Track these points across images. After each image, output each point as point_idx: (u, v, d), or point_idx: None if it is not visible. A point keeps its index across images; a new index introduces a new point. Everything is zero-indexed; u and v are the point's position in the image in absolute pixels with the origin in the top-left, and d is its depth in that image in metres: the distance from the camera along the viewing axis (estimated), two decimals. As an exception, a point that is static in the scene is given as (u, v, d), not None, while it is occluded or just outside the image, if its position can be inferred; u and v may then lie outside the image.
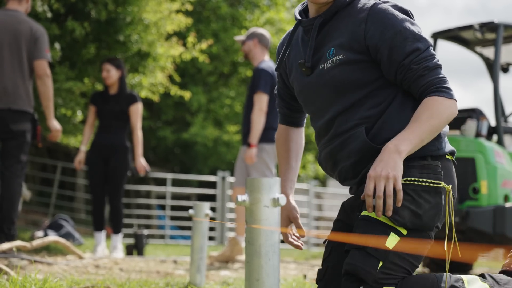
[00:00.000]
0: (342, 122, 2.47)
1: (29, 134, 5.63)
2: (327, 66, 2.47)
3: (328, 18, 2.50)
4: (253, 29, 6.95)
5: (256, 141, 6.52)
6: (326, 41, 2.50)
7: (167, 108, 16.89)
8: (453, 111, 2.39)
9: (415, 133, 2.31)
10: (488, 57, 8.02)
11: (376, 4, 2.43)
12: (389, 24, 2.39)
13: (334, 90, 2.47)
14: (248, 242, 2.10)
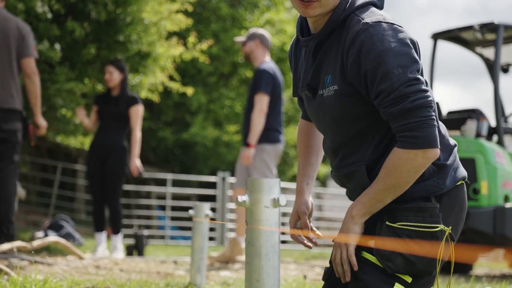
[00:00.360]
0: (345, 155, 2.38)
1: (20, 133, 5.59)
2: (326, 94, 2.33)
3: (324, 38, 2.32)
4: (253, 29, 6.95)
5: (255, 141, 6.53)
6: (324, 65, 2.34)
7: (167, 109, 16.89)
8: (416, 164, 2.17)
9: (370, 195, 2.24)
10: (488, 57, 8.03)
11: (360, 32, 2.19)
12: (362, 59, 2.17)
13: (333, 120, 2.35)
14: (248, 242, 2.10)
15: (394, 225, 2.25)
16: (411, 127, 2.15)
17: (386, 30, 2.18)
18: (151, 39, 9.02)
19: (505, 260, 7.46)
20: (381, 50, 2.15)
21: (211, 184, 13.80)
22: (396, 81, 2.14)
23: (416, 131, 2.15)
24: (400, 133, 2.18)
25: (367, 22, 2.20)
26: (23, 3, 7.74)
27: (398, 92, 2.14)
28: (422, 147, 2.16)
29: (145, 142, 17.52)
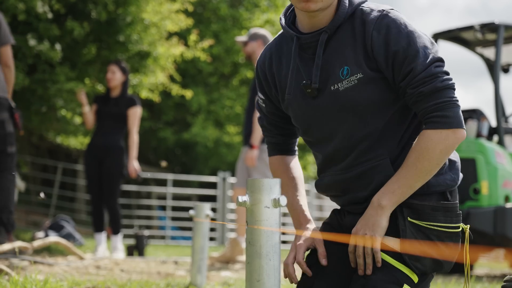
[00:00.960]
0: (363, 151, 2.28)
1: (9, 123, 5.37)
2: (343, 87, 2.24)
3: (333, 32, 2.27)
4: (255, 29, 6.94)
5: (258, 142, 6.52)
6: (333, 59, 2.27)
7: (168, 109, 16.90)
8: (448, 144, 2.16)
9: (400, 182, 2.19)
10: (488, 57, 8.03)
11: (381, 17, 2.21)
12: (392, 40, 2.18)
13: (353, 113, 2.25)
14: (248, 242, 2.10)
15: (421, 224, 2.22)
16: (441, 107, 2.15)
17: (402, 16, 2.25)
18: (152, 39, 9.02)
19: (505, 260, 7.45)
20: (407, 32, 2.19)
21: (212, 184, 13.80)
22: (424, 60, 2.16)
23: (447, 111, 2.15)
24: (430, 114, 2.17)
25: (383, 9, 2.24)
26: (24, 3, 7.74)
27: (429, 71, 2.16)
28: (453, 126, 2.16)
29: (146, 142, 17.52)
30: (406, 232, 2.21)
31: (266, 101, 2.49)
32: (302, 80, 2.32)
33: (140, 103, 7.22)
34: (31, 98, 8.73)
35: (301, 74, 2.33)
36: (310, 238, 2.37)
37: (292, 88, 2.34)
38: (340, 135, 2.31)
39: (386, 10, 2.24)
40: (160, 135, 16.99)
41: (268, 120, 2.52)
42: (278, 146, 2.57)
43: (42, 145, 15.47)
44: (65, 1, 8.41)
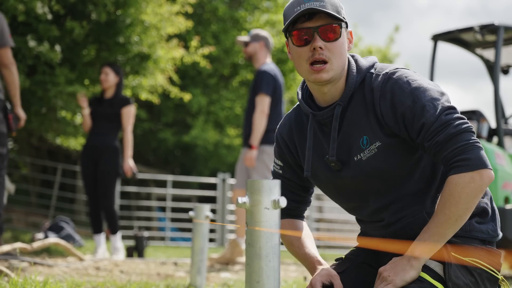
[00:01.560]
0: (397, 210, 2.33)
1: (3, 124, 5.36)
2: (365, 156, 2.29)
3: (346, 104, 2.32)
4: (257, 31, 6.94)
5: (257, 143, 6.52)
6: (352, 130, 2.31)
7: (168, 110, 16.90)
8: (473, 187, 2.13)
9: (431, 230, 2.18)
10: (488, 59, 8.02)
11: (384, 83, 2.26)
12: (397, 102, 2.22)
13: (381, 179, 2.30)
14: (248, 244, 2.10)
15: (465, 259, 2.24)
16: (460, 151, 2.15)
17: (407, 73, 2.26)
18: (151, 41, 9.02)
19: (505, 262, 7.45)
20: (411, 90, 2.21)
21: (211, 186, 13.80)
22: (434, 112, 2.18)
23: (466, 153, 2.14)
24: (451, 160, 2.16)
25: (386, 72, 2.27)
26: (23, 4, 7.74)
27: (440, 120, 2.17)
28: (476, 168, 2.13)
29: (145, 144, 17.53)
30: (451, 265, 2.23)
31: (285, 168, 2.54)
32: (325, 154, 2.37)
33: (133, 102, 7.22)
34: (31, 99, 8.73)
35: (324, 148, 2.38)
36: (325, 274, 2.39)
37: (310, 166, 2.39)
38: (371, 201, 2.36)
39: (389, 72, 2.27)
40: (159, 137, 16.99)
41: (284, 185, 2.54)
42: (289, 211, 2.60)
43: (41, 146, 15.46)
44: (64, 2, 8.41)
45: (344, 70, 2.32)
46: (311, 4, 2.24)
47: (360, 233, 2.53)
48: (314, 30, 2.26)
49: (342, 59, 2.30)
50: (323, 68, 2.26)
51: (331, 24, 2.26)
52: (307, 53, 2.28)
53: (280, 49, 17.03)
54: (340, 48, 2.28)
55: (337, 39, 2.27)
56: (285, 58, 17.16)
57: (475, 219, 2.31)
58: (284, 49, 17.13)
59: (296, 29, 2.29)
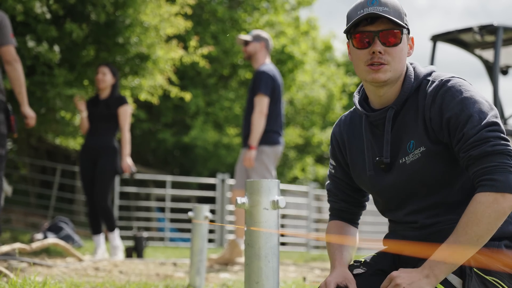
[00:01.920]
0: (433, 215, 2.35)
1: (4, 125, 5.31)
2: (409, 160, 2.32)
3: (400, 107, 2.37)
4: (258, 31, 6.97)
5: (256, 143, 6.53)
6: (401, 133, 2.36)
7: (167, 111, 16.90)
8: (496, 208, 2.13)
9: (451, 249, 2.17)
10: (487, 59, 8.03)
11: (438, 89, 2.30)
12: (445, 107, 2.25)
13: (421, 184, 2.33)
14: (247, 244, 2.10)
15: (486, 277, 2.25)
16: (489, 171, 2.16)
17: (461, 82, 2.30)
18: (151, 41, 9.01)
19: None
20: (462, 98, 2.24)
21: (211, 186, 13.80)
22: (477, 124, 2.20)
23: (495, 174, 2.15)
24: (479, 177, 2.18)
25: (442, 79, 2.31)
26: (22, 4, 7.74)
27: (480, 135, 2.19)
28: (502, 190, 2.14)
29: (145, 144, 17.52)
30: (472, 279, 2.23)
31: (337, 167, 2.60)
32: (374, 155, 2.42)
33: (127, 101, 7.21)
34: (30, 100, 8.72)
35: (374, 150, 2.43)
36: (342, 276, 2.40)
37: (372, 165, 2.43)
38: (408, 204, 2.39)
39: (444, 79, 2.31)
40: (159, 137, 16.99)
41: (336, 185, 2.63)
42: (340, 212, 2.65)
43: (41, 147, 15.46)
44: (63, 3, 8.40)
45: (402, 75, 2.37)
46: (374, 9, 2.29)
47: (388, 234, 2.53)
48: (375, 34, 2.31)
49: (401, 64, 2.34)
50: (381, 68, 2.31)
51: (392, 29, 2.31)
52: (366, 56, 2.33)
53: (280, 50, 17.03)
54: (399, 53, 2.33)
55: (397, 44, 2.32)
56: (285, 59, 17.16)
57: (504, 242, 2.32)
58: (284, 50, 17.13)
59: (357, 32, 2.34)
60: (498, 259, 2.29)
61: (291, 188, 15.26)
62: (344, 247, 2.53)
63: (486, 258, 2.27)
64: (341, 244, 2.54)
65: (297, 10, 19.79)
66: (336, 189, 2.62)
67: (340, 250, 2.52)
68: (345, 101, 21.98)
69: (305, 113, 19.98)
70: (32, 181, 15.12)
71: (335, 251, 2.52)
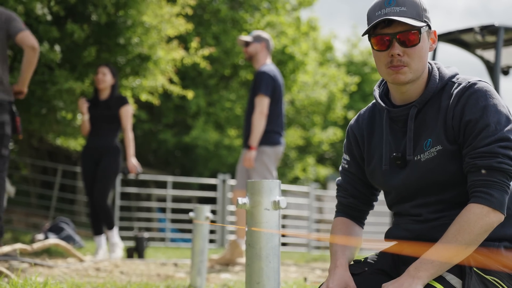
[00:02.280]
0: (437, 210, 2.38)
1: (9, 126, 5.34)
2: (424, 158, 2.34)
3: (422, 106, 2.39)
4: (258, 32, 6.98)
5: (256, 143, 6.54)
6: (420, 131, 2.38)
7: (168, 111, 16.90)
8: (487, 221, 2.19)
9: (439, 253, 2.21)
10: (488, 60, 8.03)
11: (465, 90, 2.31)
12: (467, 109, 2.27)
13: (432, 182, 2.36)
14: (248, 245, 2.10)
15: (486, 277, 2.27)
16: (488, 185, 2.21)
17: (487, 87, 2.31)
18: (152, 42, 9.01)
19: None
20: (485, 105, 2.26)
21: (212, 186, 13.81)
22: (491, 136, 2.23)
23: (493, 190, 2.21)
24: (477, 188, 2.23)
25: (469, 81, 2.32)
26: (23, 5, 7.74)
27: (491, 148, 2.22)
28: (494, 207, 2.20)
29: (146, 145, 17.53)
30: (472, 278, 2.25)
31: (351, 162, 2.60)
32: (391, 150, 2.43)
33: (128, 101, 7.21)
34: (30, 100, 8.73)
35: (391, 145, 2.43)
36: (343, 281, 2.38)
37: (388, 159, 2.44)
38: (418, 198, 2.41)
39: (471, 82, 2.32)
40: (160, 137, 16.99)
41: (347, 180, 2.62)
42: (347, 208, 2.62)
43: (41, 147, 15.46)
44: (64, 3, 8.40)
45: (425, 72, 2.38)
46: (391, 9, 2.30)
47: (391, 228, 2.54)
48: (393, 37, 2.32)
49: (422, 63, 2.35)
50: (401, 69, 2.32)
51: (409, 30, 2.30)
52: (386, 58, 2.34)
53: (281, 51, 17.03)
54: (419, 52, 2.33)
55: (416, 44, 2.32)
56: (286, 60, 17.16)
57: (504, 243, 2.34)
58: (285, 51, 17.13)
59: (376, 35, 2.35)
60: (497, 260, 2.30)
61: (292, 188, 15.26)
62: (347, 247, 2.53)
63: (486, 258, 2.29)
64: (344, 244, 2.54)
65: (298, 11, 19.80)
66: (347, 183, 2.61)
67: (343, 250, 2.51)
68: (346, 100, 21.97)
69: (306, 113, 19.98)
70: (33, 181, 15.13)
71: (338, 250, 2.51)
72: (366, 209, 2.64)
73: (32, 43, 5.43)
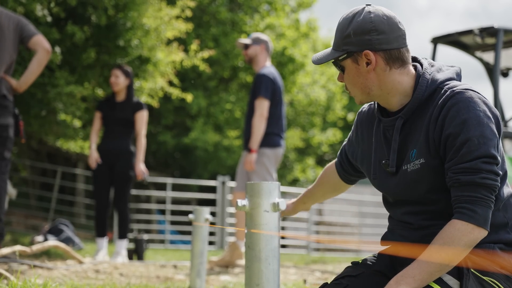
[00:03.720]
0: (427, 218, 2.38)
1: (12, 129, 5.40)
2: (410, 169, 2.35)
3: (409, 116, 2.38)
4: (257, 34, 6.99)
5: (257, 146, 6.54)
6: (408, 141, 2.38)
7: (167, 113, 16.91)
8: (471, 238, 2.18)
9: (422, 267, 2.20)
10: (488, 61, 8.03)
11: (446, 99, 2.27)
12: (448, 122, 2.25)
13: (418, 193, 2.36)
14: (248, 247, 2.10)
15: (483, 278, 2.27)
16: (472, 201, 2.20)
17: (473, 98, 2.26)
18: (151, 44, 9.02)
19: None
20: (466, 118, 2.21)
21: (211, 188, 13.81)
22: (474, 151, 2.19)
23: (477, 207, 2.19)
24: (460, 204, 2.21)
25: (453, 90, 2.28)
26: (23, 7, 7.74)
27: (473, 164, 2.20)
28: (478, 224, 2.19)
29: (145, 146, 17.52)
30: (470, 279, 2.25)
31: (350, 139, 2.71)
32: (383, 155, 2.45)
33: (146, 106, 7.23)
34: (30, 102, 8.73)
35: (384, 151, 2.46)
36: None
37: (377, 168, 2.48)
38: (407, 206, 2.42)
39: (456, 91, 2.28)
40: (159, 139, 16.99)
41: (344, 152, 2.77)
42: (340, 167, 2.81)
43: (41, 149, 15.46)
44: (64, 5, 8.41)
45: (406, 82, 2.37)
46: (315, 55, 2.48)
47: (386, 233, 2.55)
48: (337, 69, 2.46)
49: (358, 85, 2.39)
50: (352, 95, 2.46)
51: (334, 61, 2.40)
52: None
53: (280, 52, 17.04)
54: (350, 78, 2.40)
55: (343, 72, 2.41)
56: (285, 61, 17.17)
57: (499, 245, 2.34)
58: (285, 52, 17.15)
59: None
60: (494, 261, 2.30)
61: (291, 190, 15.25)
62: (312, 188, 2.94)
63: (483, 259, 2.29)
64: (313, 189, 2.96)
65: (297, 13, 19.81)
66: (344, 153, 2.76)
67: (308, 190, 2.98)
68: (345, 101, 21.95)
69: (305, 114, 19.99)
70: (33, 183, 15.13)
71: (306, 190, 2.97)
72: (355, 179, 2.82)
73: (47, 46, 5.53)
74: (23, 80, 5.54)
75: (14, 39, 5.44)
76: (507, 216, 2.35)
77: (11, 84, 5.47)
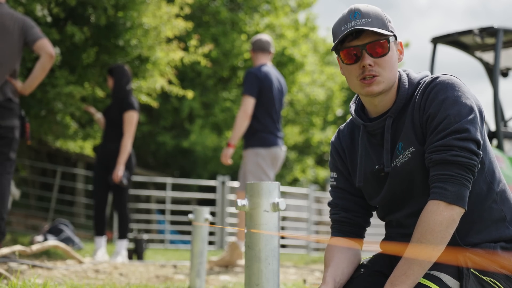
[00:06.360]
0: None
1: (17, 130, 5.46)
2: (400, 162, 2.32)
3: (397, 115, 2.36)
4: (254, 37, 7.11)
5: (235, 141, 6.74)
6: (395, 138, 2.36)
7: (166, 114, 16.90)
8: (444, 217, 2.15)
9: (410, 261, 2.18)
10: (487, 61, 8.03)
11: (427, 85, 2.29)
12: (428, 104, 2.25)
13: (413, 185, 2.32)
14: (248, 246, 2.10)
15: (483, 278, 2.25)
16: (443, 179, 2.18)
17: (450, 80, 2.26)
18: (151, 43, 9.02)
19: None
20: (444, 98, 2.23)
21: (211, 188, 13.81)
22: (447, 128, 2.19)
23: (447, 184, 2.17)
24: (433, 183, 2.20)
25: (432, 76, 2.31)
26: (23, 7, 7.75)
27: (445, 141, 2.19)
28: (450, 201, 2.16)
29: (145, 146, 17.52)
30: (470, 279, 2.23)
31: (338, 178, 2.55)
32: (372, 164, 2.40)
33: (136, 107, 7.10)
34: (30, 102, 8.73)
35: (372, 158, 2.41)
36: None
37: (363, 175, 2.42)
38: (407, 207, 2.38)
39: (434, 77, 2.30)
40: (159, 140, 16.99)
41: (337, 195, 2.57)
42: (340, 225, 2.55)
43: (41, 149, 15.46)
44: (64, 5, 8.41)
45: (395, 82, 2.36)
46: (357, 22, 2.28)
47: (384, 239, 2.53)
48: (362, 48, 2.29)
49: (392, 72, 2.33)
50: (373, 81, 2.30)
51: (378, 40, 2.29)
52: (357, 70, 2.32)
53: (280, 52, 17.03)
54: (389, 61, 2.32)
55: (386, 54, 2.31)
56: (285, 61, 17.17)
57: (500, 244, 2.32)
58: (284, 52, 17.14)
59: (344, 48, 2.32)
60: (494, 261, 2.28)
61: (291, 190, 15.26)
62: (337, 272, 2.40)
63: (483, 259, 2.27)
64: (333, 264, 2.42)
65: (297, 13, 19.81)
66: (338, 199, 2.56)
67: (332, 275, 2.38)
68: (345, 97, 21.95)
69: (304, 114, 20.00)
70: (33, 183, 15.12)
71: (326, 271, 2.40)
72: (362, 223, 2.55)
73: (51, 51, 5.55)
74: (27, 84, 5.61)
75: (19, 41, 5.49)
76: (505, 209, 2.34)
77: (16, 87, 5.52)
